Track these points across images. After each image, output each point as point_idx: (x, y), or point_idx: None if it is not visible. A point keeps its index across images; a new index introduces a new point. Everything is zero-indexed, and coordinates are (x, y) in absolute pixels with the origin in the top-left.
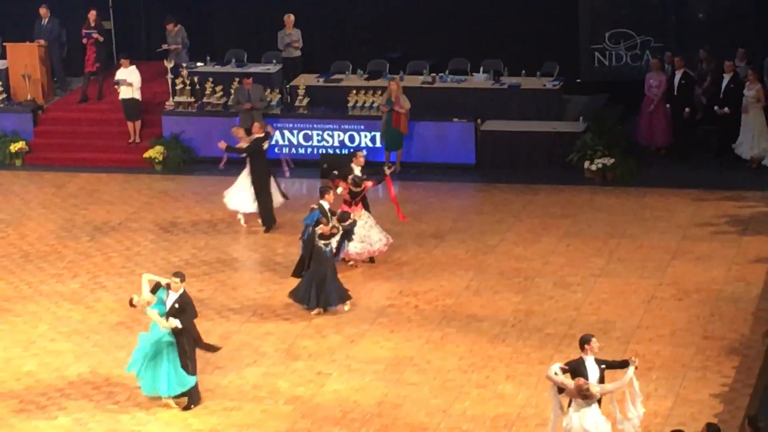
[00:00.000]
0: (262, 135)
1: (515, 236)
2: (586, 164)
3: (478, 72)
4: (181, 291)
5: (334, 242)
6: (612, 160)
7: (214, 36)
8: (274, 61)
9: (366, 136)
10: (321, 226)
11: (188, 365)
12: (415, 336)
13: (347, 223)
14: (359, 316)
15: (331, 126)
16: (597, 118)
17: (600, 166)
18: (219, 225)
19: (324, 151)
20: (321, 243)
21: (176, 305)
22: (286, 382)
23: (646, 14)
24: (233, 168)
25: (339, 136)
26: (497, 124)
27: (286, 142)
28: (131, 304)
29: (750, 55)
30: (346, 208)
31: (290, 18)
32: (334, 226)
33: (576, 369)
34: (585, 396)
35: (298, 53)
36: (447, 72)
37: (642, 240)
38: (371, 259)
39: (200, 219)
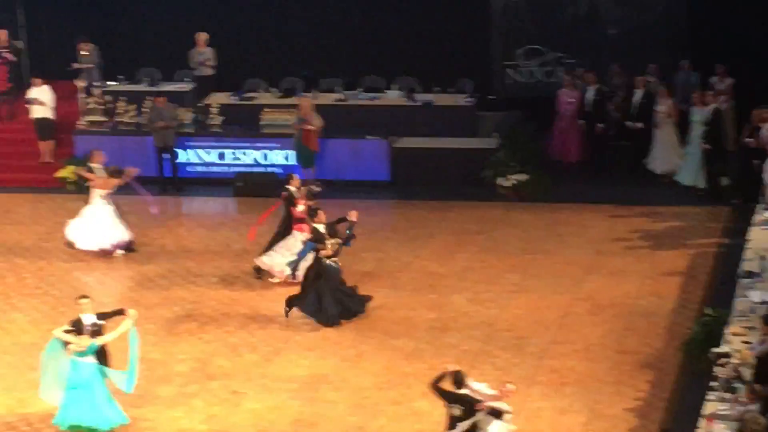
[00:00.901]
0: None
1: (430, 253)
2: (500, 180)
3: (392, 89)
4: (91, 312)
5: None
6: (526, 177)
7: (127, 55)
8: (187, 79)
9: (280, 154)
10: (321, 252)
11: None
12: (330, 354)
13: (349, 231)
14: (274, 335)
15: (245, 144)
16: (510, 135)
17: (514, 182)
18: (131, 244)
19: (238, 170)
20: (329, 261)
21: (93, 328)
22: (201, 401)
23: (558, 31)
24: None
25: (253, 154)
26: (411, 141)
27: (200, 161)
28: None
29: (661, 71)
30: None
31: (202, 36)
32: (334, 243)
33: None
34: None
35: (211, 71)
36: (361, 89)
37: (556, 256)
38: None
39: None
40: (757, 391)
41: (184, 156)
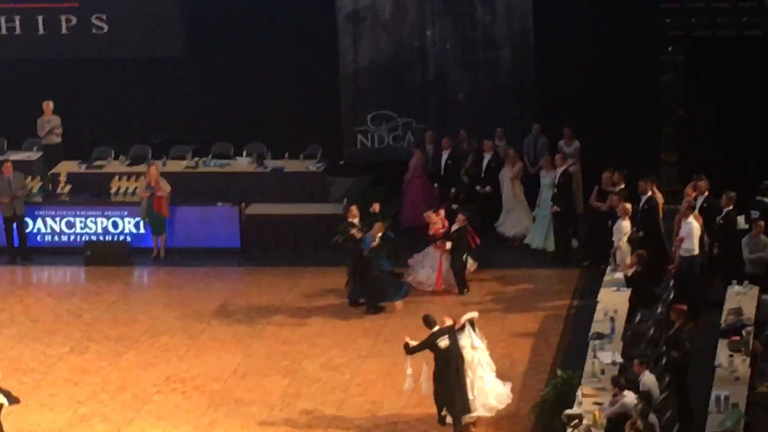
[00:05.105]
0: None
1: (282, 319)
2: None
3: (242, 156)
4: None
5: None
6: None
7: None
8: (35, 148)
9: (130, 222)
10: (373, 243)
11: None
12: (182, 422)
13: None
14: (126, 403)
15: (94, 213)
16: (360, 200)
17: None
18: None
19: (88, 238)
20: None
21: None
22: None
23: (407, 96)
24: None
25: (102, 222)
26: (262, 207)
27: (49, 230)
28: None
29: (509, 135)
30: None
31: (49, 105)
32: (378, 237)
33: None
34: None
35: (58, 140)
36: (210, 156)
37: (407, 319)
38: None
39: None
40: None
41: (32, 225)
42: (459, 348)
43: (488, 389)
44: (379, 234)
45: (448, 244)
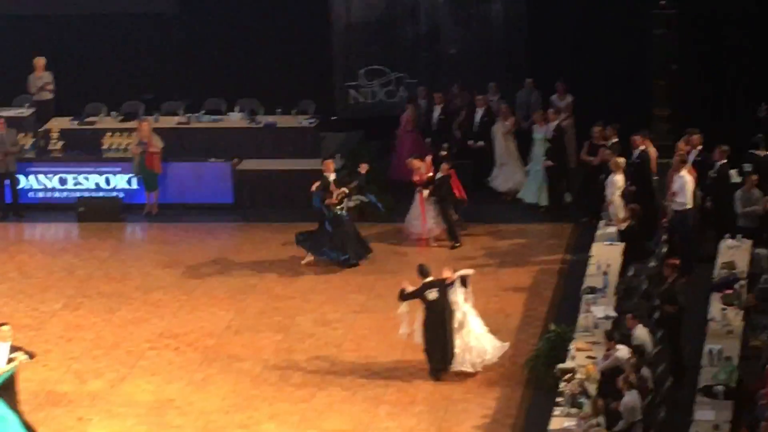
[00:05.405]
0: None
1: (275, 275)
2: (344, 201)
3: (234, 111)
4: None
5: (350, 204)
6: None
7: None
8: (27, 104)
9: (123, 179)
10: (327, 200)
11: None
12: (176, 378)
13: (352, 185)
14: (119, 359)
15: (86, 169)
16: (353, 155)
17: (357, 202)
18: None
19: (80, 195)
20: (336, 209)
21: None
22: (47, 429)
23: (399, 51)
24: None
25: (95, 178)
26: (254, 163)
27: (41, 186)
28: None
29: (502, 89)
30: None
31: (40, 61)
32: (340, 193)
33: None
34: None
35: (50, 96)
36: (202, 112)
37: (401, 275)
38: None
39: None
40: (600, 405)
41: (25, 182)
42: (447, 302)
43: (473, 345)
44: (339, 192)
45: (425, 192)
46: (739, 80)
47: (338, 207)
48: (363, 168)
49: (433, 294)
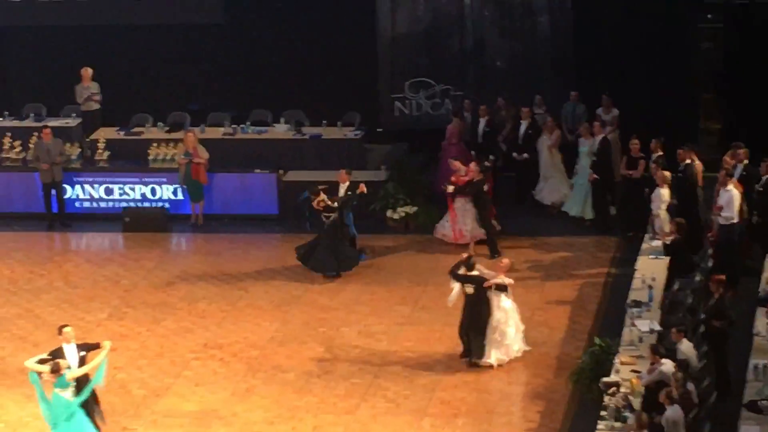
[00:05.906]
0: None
1: (319, 286)
2: (389, 213)
3: (279, 123)
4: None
5: (395, 216)
6: (414, 209)
7: (12, 90)
8: (74, 114)
9: (168, 189)
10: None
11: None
12: (220, 388)
13: (344, 199)
14: (163, 369)
15: (132, 179)
16: (398, 167)
17: (402, 214)
18: (20, 281)
19: (126, 205)
20: (322, 216)
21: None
22: None
23: (445, 63)
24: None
25: (141, 189)
26: (299, 174)
27: (87, 196)
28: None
29: (547, 102)
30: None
31: (87, 71)
32: (320, 201)
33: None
34: None
35: (97, 106)
36: (248, 123)
37: (446, 287)
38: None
39: (1, 275)
40: (645, 420)
41: (71, 192)
42: (484, 300)
43: (507, 343)
44: (320, 200)
45: (450, 188)
46: None
47: (324, 215)
48: (361, 188)
49: (470, 289)
